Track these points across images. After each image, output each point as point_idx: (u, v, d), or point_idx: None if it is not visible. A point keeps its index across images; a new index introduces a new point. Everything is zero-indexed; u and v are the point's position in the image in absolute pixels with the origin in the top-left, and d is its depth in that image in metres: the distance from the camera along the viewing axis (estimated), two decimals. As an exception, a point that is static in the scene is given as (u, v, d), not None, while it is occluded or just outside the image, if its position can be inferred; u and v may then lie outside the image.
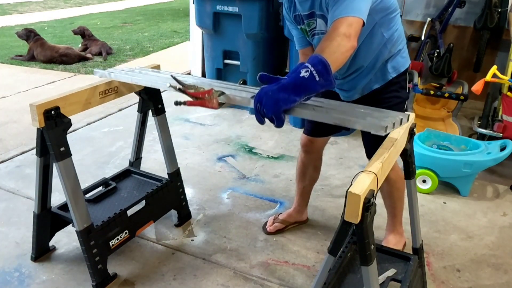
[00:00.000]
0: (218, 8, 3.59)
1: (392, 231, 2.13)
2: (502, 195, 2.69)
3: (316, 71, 1.22)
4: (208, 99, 1.40)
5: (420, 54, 4.07)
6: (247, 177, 2.83)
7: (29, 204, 2.46)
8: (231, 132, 3.48)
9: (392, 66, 1.77)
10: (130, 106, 3.98)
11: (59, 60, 5.62)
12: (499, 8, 3.74)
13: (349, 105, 1.43)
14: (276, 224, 2.28)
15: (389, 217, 2.12)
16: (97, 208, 2.05)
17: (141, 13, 10.70)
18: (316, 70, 1.22)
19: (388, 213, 2.11)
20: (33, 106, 1.63)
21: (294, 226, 2.32)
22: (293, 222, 2.31)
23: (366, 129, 1.21)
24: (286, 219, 2.30)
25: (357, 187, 1.06)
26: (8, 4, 11.68)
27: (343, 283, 1.61)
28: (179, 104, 1.39)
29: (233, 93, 1.45)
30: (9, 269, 1.99)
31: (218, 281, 1.95)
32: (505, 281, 1.99)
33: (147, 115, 2.24)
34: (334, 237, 1.23)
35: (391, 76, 1.78)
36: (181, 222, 2.33)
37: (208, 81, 1.70)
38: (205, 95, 1.40)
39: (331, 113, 1.29)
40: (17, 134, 3.48)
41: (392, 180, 1.95)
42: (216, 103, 1.42)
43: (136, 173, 2.35)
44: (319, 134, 2.06)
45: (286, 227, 2.29)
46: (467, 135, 3.30)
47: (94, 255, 1.84)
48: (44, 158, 1.83)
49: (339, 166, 2.97)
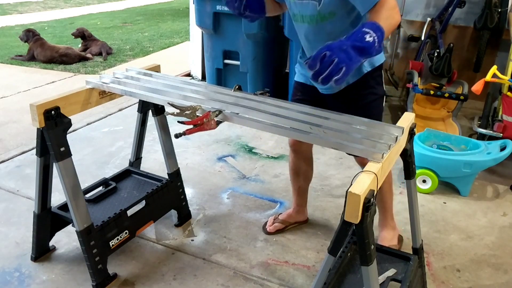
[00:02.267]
0: (218, 8, 3.59)
1: (385, 226, 2.13)
2: (502, 195, 2.69)
3: (377, 38, 1.26)
4: (206, 122, 1.43)
5: (420, 54, 4.07)
6: (247, 177, 2.84)
7: (29, 204, 2.47)
8: (231, 132, 3.48)
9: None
10: (130, 106, 3.98)
11: (59, 60, 5.62)
12: (499, 8, 3.74)
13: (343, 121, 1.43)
14: (276, 224, 2.28)
15: (380, 212, 2.12)
16: (97, 208, 2.05)
17: (141, 13, 10.70)
18: (377, 36, 1.26)
19: (378, 208, 2.09)
20: (33, 106, 1.63)
21: (294, 226, 2.32)
22: (293, 222, 2.31)
23: (363, 155, 1.23)
24: (286, 219, 2.30)
25: (357, 187, 1.07)
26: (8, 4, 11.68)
27: (343, 283, 1.61)
28: (180, 136, 1.43)
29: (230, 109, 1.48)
30: (9, 269, 2.00)
31: (218, 281, 1.95)
32: (505, 281, 1.99)
33: (147, 115, 2.24)
34: (334, 237, 1.23)
35: (366, 70, 1.77)
36: (181, 222, 2.33)
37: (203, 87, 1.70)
38: (203, 120, 1.42)
39: (328, 137, 1.31)
40: (17, 134, 3.48)
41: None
42: (214, 124, 1.45)
43: (136, 173, 2.35)
44: None
45: (286, 227, 2.30)
46: (467, 135, 3.30)
47: (94, 255, 1.84)
48: (44, 158, 1.83)
49: (339, 166, 2.97)
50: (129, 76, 1.86)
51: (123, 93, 1.74)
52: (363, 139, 1.28)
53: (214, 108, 1.46)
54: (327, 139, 1.30)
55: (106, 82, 1.79)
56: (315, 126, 1.35)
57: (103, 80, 1.81)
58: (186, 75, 4.92)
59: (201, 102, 1.52)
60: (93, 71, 5.38)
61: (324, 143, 1.30)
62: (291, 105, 1.53)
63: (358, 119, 1.43)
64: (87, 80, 1.82)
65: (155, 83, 1.76)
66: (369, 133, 1.32)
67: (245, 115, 1.43)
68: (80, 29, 6.32)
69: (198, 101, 1.54)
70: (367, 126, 1.37)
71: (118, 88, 1.74)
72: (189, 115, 1.46)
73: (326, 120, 1.42)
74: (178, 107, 1.47)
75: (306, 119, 1.41)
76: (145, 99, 1.72)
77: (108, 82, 1.79)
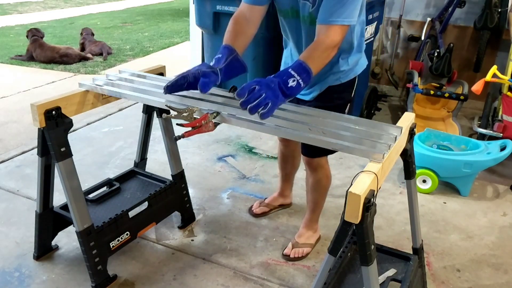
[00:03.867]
0: (218, 8, 3.59)
1: (307, 226, 2.17)
2: (502, 195, 2.69)
3: (302, 80, 1.39)
4: (204, 125, 1.43)
5: (420, 54, 4.07)
6: (247, 177, 2.84)
7: (29, 204, 2.47)
8: (231, 132, 3.48)
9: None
10: (130, 106, 3.98)
11: (59, 60, 5.62)
12: (499, 8, 3.74)
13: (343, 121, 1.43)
14: (262, 207, 2.42)
15: (307, 212, 2.16)
16: (99, 209, 2.05)
17: (141, 13, 10.69)
18: (302, 78, 1.39)
19: (308, 207, 2.16)
20: (34, 106, 1.63)
21: (279, 209, 2.45)
22: (277, 205, 2.44)
23: (365, 156, 1.24)
24: (271, 202, 2.44)
25: (357, 187, 1.07)
26: (8, 4, 11.67)
27: (343, 283, 1.61)
28: (178, 139, 1.46)
29: (227, 111, 1.47)
30: (9, 269, 2.00)
31: (218, 281, 1.95)
32: (505, 281, 1.99)
33: (152, 116, 2.23)
34: (334, 237, 1.24)
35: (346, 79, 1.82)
36: (184, 224, 2.32)
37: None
38: (201, 122, 1.42)
39: (328, 138, 1.31)
40: (17, 134, 3.48)
41: (318, 176, 2.01)
42: (212, 126, 1.45)
43: (141, 174, 2.34)
44: None
45: (271, 210, 2.43)
46: (467, 135, 3.31)
47: (94, 256, 1.84)
48: (45, 158, 1.83)
49: (339, 166, 2.97)
50: (123, 78, 1.83)
51: (118, 95, 1.70)
52: (363, 139, 1.28)
53: (212, 110, 1.46)
54: (327, 140, 1.30)
55: (99, 85, 1.75)
56: (314, 127, 1.35)
57: (96, 82, 1.77)
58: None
59: (198, 104, 1.51)
60: (93, 71, 5.38)
61: (324, 144, 1.30)
62: (289, 106, 1.53)
63: (357, 120, 1.42)
64: (80, 82, 1.78)
65: (150, 85, 1.72)
66: (368, 133, 1.32)
67: (243, 116, 1.43)
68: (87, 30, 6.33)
69: (194, 102, 1.53)
70: (366, 127, 1.37)
71: (113, 90, 1.70)
72: (186, 117, 1.46)
73: (324, 120, 1.42)
74: (176, 109, 1.47)
75: (304, 120, 1.40)
76: (140, 101, 1.70)
77: (101, 84, 1.75)
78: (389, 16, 4.29)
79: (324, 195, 2.11)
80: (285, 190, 2.45)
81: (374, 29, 3.44)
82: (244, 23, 1.68)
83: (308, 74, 1.40)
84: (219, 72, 1.52)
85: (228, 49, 1.59)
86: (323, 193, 2.10)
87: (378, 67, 4.38)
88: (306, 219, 2.17)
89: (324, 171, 2.02)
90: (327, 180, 2.05)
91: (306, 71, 1.40)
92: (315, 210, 2.14)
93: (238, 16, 1.69)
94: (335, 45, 1.50)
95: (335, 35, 1.49)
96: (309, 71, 1.41)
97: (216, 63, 1.55)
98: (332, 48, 1.49)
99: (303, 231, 2.17)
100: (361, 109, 3.56)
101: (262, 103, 1.31)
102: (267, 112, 1.31)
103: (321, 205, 2.14)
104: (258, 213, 2.40)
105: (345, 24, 1.50)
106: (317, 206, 2.12)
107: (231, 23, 1.68)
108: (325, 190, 2.09)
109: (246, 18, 1.68)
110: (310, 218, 2.16)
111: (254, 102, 1.31)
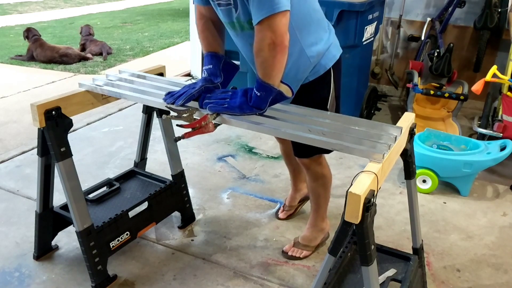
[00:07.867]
0: (218, 8, 3.58)
1: (311, 227, 2.15)
2: (502, 195, 2.69)
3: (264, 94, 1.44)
4: (204, 126, 1.44)
5: (420, 54, 4.07)
6: (247, 177, 2.84)
7: (29, 204, 2.47)
8: (231, 132, 3.48)
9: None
10: (130, 106, 3.98)
11: (59, 60, 5.62)
12: (499, 8, 3.74)
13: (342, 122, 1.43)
14: (285, 211, 2.41)
15: (311, 212, 2.15)
16: (99, 209, 2.05)
17: (141, 13, 10.69)
18: (261, 95, 1.44)
19: (311, 207, 2.14)
20: (34, 106, 1.63)
21: (303, 205, 2.45)
22: (298, 203, 2.43)
23: (365, 157, 1.24)
24: (291, 203, 2.41)
25: (357, 187, 1.07)
26: (8, 4, 11.67)
27: (343, 283, 1.61)
28: (179, 140, 1.49)
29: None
30: (9, 269, 2.00)
31: (218, 281, 1.95)
32: (505, 281, 1.99)
33: (152, 116, 2.23)
34: (334, 237, 1.24)
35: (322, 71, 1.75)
36: (184, 224, 2.32)
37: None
38: (201, 123, 1.42)
39: (328, 138, 1.31)
40: (17, 134, 3.48)
41: (314, 175, 1.99)
42: (212, 127, 1.45)
43: (141, 174, 2.34)
44: None
45: (296, 209, 2.43)
46: (467, 135, 3.31)
47: (94, 256, 1.84)
48: (45, 158, 1.83)
49: (339, 166, 2.97)
50: (123, 78, 1.83)
51: (118, 95, 1.71)
52: (363, 139, 1.28)
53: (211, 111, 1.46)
54: (327, 140, 1.30)
55: (99, 85, 1.76)
56: (313, 128, 1.35)
57: (96, 82, 1.78)
58: (186, 75, 4.93)
59: (197, 105, 1.52)
60: (93, 71, 5.38)
61: (324, 145, 1.30)
62: (289, 107, 1.53)
63: (357, 120, 1.43)
64: (80, 82, 1.78)
65: (150, 86, 1.73)
66: (368, 134, 1.32)
67: (242, 117, 1.43)
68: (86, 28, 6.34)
69: (194, 103, 1.53)
70: (366, 127, 1.37)
71: (112, 90, 1.71)
72: (186, 118, 1.46)
73: (324, 121, 1.42)
74: (176, 110, 1.47)
75: (304, 120, 1.41)
76: (140, 102, 1.71)
77: (101, 85, 1.76)
78: (389, 16, 4.29)
79: (324, 194, 2.08)
80: (298, 183, 2.38)
81: (374, 29, 3.44)
82: (210, 24, 1.69)
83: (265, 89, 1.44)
84: (220, 86, 1.62)
85: (215, 58, 1.64)
86: (323, 193, 2.07)
87: (378, 67, 4.38)
88: (310, 219, 2.15)
89: (321, 170, 1.98)
90: (324, 179, 2.01)
91: (263, 87, 1.44)
92: (317, 210, 2.11)
93: (202, 21, 1.70)
94: (272, 46, 1.38)
95: (267, 34, 1.38)
96: (266, 87, 1.44)
97: (214, 76, 1.61)
98: (271, 51, 1.39)
99: (307, 232, 2.14)
100: (361, 109, 3.56)
101: (219, 103, 1.43)
102: (214, 105, 1.44)
103: (323, 204, 2.10)
104: (283, 218, 2.40)
105: (275, 12, 1.35)
106: (318, 205, 2.10)
107: (201, 30, 1.70)
108: (325, 190, 2.06)
109: (210, 18, 1.69)
110: (313, 217, 2.14)
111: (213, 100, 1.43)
